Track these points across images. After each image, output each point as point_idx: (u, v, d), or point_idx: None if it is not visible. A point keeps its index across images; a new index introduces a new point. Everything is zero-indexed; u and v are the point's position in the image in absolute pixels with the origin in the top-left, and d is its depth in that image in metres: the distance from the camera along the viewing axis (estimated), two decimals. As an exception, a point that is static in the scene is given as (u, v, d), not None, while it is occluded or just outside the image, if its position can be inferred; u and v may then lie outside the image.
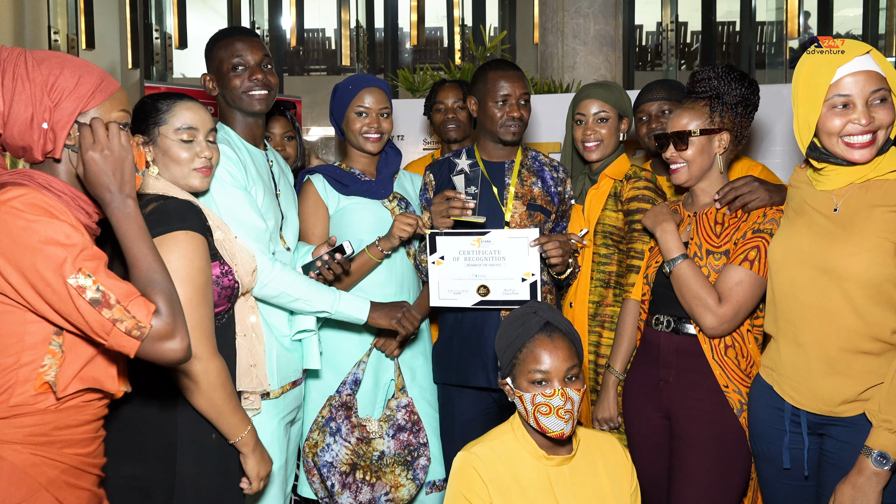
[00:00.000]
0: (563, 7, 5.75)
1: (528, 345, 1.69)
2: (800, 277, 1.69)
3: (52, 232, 1.21)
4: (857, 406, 1.62)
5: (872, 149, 1.61)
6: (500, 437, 1.77)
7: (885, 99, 1.60)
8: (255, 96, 2.00)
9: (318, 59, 12.46)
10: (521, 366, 1.68)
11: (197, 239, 1.57)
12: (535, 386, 1.66)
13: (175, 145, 1.70)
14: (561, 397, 1.64)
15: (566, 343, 1.69)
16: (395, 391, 2.28)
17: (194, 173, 1.72)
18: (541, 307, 1.76)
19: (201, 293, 1.56)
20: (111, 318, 1.20)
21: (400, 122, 3.92)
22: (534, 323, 1.71)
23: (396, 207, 2.33)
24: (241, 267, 1.74)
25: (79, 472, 1.34)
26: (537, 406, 1.65)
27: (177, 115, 1.70)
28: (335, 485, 2.16)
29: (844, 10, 11.03)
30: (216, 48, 2.03)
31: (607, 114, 2.37)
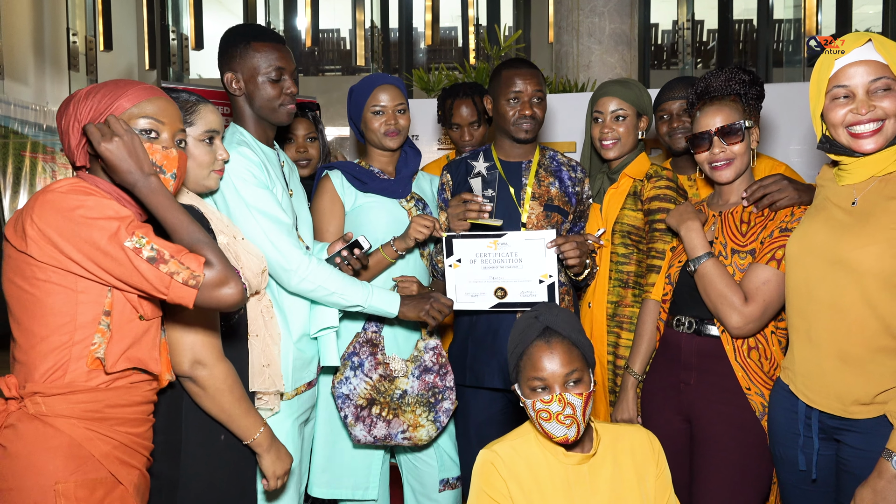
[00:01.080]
0: (578, 6, 5.73)
1: (527, 352, 1.68)
2: (814, 272, 1.67)
3: (102, 207, 1.34)
4: (871, 409, 1.59)
5: (879, 138, 1.60)
6: (523, 435, 1.77)
7: (889, 88, 1.58)
8: (286, 110, 2.01)
9: (332, 60, 12.52)
10: (523, 373, 1.68)
11: None
12: (534, 393, 1.66)
13: (200, 147, 1.71)
14: (559, 403, 1.62)
15: (565, 347, 1.67)
16: (422, 334, 2.27)
17: (213, 175, 1.75)
18: (543, 310, 1.74)
19: None
20: (168, 271, 1.31)
21: (415, 121, 3.92)
22: (533, 329, 1.70)
23: (414, 208, 2.33)
24: (247, 269, 1.74)
25: (130, 451, 1.43)
26: (538, 412, 1.65)
27: (203, 118, 1.72)
28: (348, 416, 2.16)
29: (864, 6, 10.89)
30: (252, 49, 1.98)
31: (625, 111, 2.35)
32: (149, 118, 1.46)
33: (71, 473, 1.34)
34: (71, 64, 9.72)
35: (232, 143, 1.94)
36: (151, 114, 1.46)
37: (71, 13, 9.92)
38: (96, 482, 1.36)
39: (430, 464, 2.32)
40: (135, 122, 1.45)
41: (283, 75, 1.98)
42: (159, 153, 1.46)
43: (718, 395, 1.91)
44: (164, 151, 1.47)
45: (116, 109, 1.44)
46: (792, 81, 9.40)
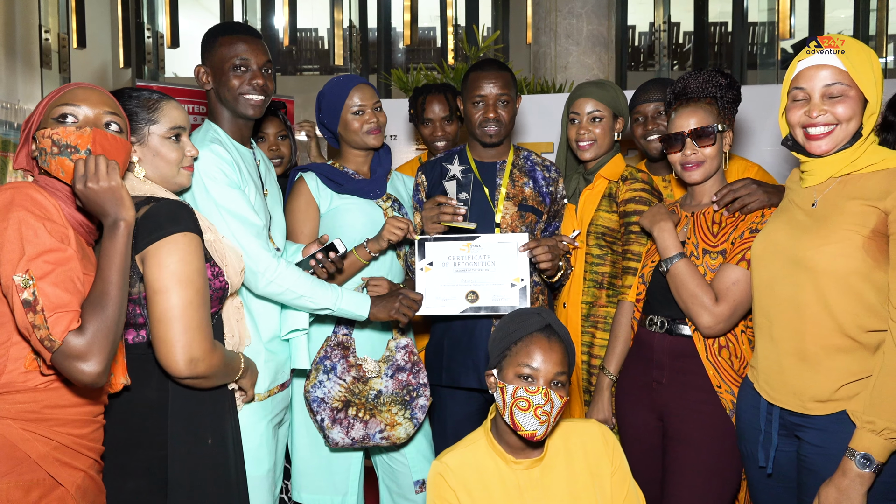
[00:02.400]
0: (556, 7, 5.76)
1: (524, 339, 1.70)
2: (776, 271, 1.70)
3: (20, 226, 1.32)
4: (828, 406, 1.61)
5: (830, 141, 1.63)
6: (473, 443, 1.77)
7: (840, 93, 1.61)
8: (252, 101, 1.97)
9: (310, 59, 12.45)
10: (513, 358, 1.69)
11: (194, 240, 1.57)
12: (520, 380, 1.67)
13: (166, 144, 1.69)
14: (543, 396, 1.64)
15: (562, 350, 1.70)
16: (393, 333, 2.27)
17: (183, 172, 1.72)
18: (545, 311, 1.78)
19: (201, 295, 1.55)
20: (31, 322, 1.27)
21: (393, 121, 3.90)
22: (535, 322, 1.72)
23: (390, 208, 2.32)
24: (230, 267, 1.73)
25: (73, 452, 1.40)
26: (517, 400, 1.65)
27: (167, 115, 1.69)
28: (325, 419, 2.15)
29: (836, 11, 11.08)
30: (219, 43, 1.98)
31: (602, 113, 2.36)
32: (63, 105, 1.44)
33: (4, 475, 1.32)
34: (43, 62, 9.56)
35: (205, 141, 1.91)
36: (67, 101, 1.45)
37: (43, 10, 9.76)
38: (32, 483, 1.34)
39: (407, 464, 2.32)
40: (52, 111, 1.44)
41: (248, 66, 1.96)
42: (73, 134, 1.41)
43: (690, 393, 1.93)
44: (78, 132, 1.41)
45: (42, 109, 1.45)
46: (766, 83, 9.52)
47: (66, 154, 1.41)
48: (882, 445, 1.51)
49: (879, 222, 1.55)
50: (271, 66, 2.03)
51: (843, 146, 1.64)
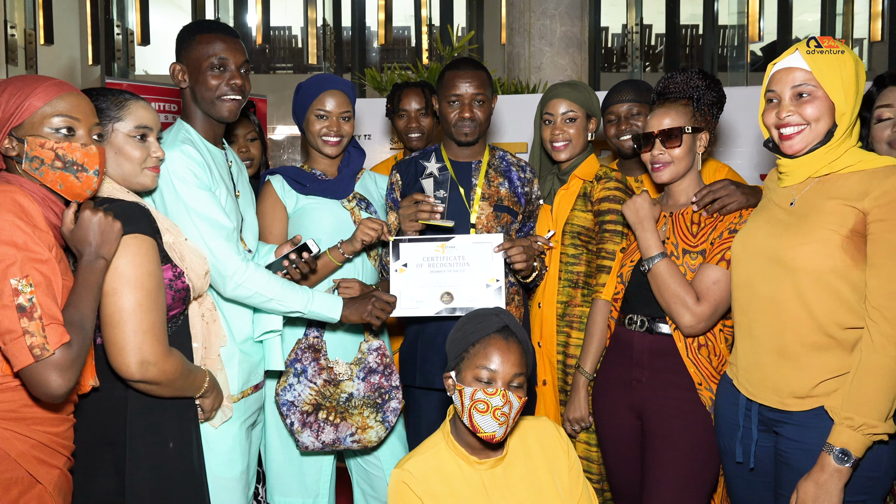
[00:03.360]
0: (529, 8, 5.78)
1: (482, 341, 1.68)
2: (755, 270, 1.73)
3: (12, 230, 1.32)
4: (806, 402, 1.64)
5: (800, 141, 1.67)
6: (433, 447, 1.76)
7: (808, 94, 1.65)
8: (227, 102, 1.95)
9: (284, 58, 12.37)
10: (471, 360, 1.68)
11: (147, 242, 1.55)
12: (478, 382, 1.65)
13: (130, 143, 1.66)
14: (502, 398, 1.63)
15: (519, 351, 1.68)
16: (365, 335, 2.25)
17: (147, 172, 1.69)
18: (503, 312, 1.76)
19: (152, 297, 1.54)
20: (25, 327, 1.28)
21: (366, 121, 3.90)
22: (493, 322, 1.71)
23: (356, 208, 2.31)
24: (191, 270, 1.71)
25: (50, 450, 1.41)
26: (475, 402, 1.65)
27: (133, 113, 1.67)
28: (294, 423, 2.14)
29: (803, 14, 11.28)
30: (196, 41, 1.94)
31: (575, 114, 2.37)
32: (63, 116, 1.45)
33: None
34: (9, 58, 9.37)
35: (176, 141, 1.89)
36: (65, 111, 1.45)
37: (9, 5, 9.56)
38: (11, 481, 1.35)
39: (381, 467, 2.31)
40: (49, 121, 1.43)
41: (226, 65, 1.93)
42: (79, 151, 1.45)
43: (671, 391, 1.95)
44: (84, 149, 1.46)
45: (27, 110, 1.42)
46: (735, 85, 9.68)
47: (71, 171, 1.45)
48: (859, 441, 1.53)
49: (858, 222, 1.58)
50: (248, 66, 2.01)
51: (816, 145, 1.67)
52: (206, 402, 1.77)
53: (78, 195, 1.48)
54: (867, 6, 10.76)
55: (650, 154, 2.01)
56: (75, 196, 1.48)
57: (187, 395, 1.68)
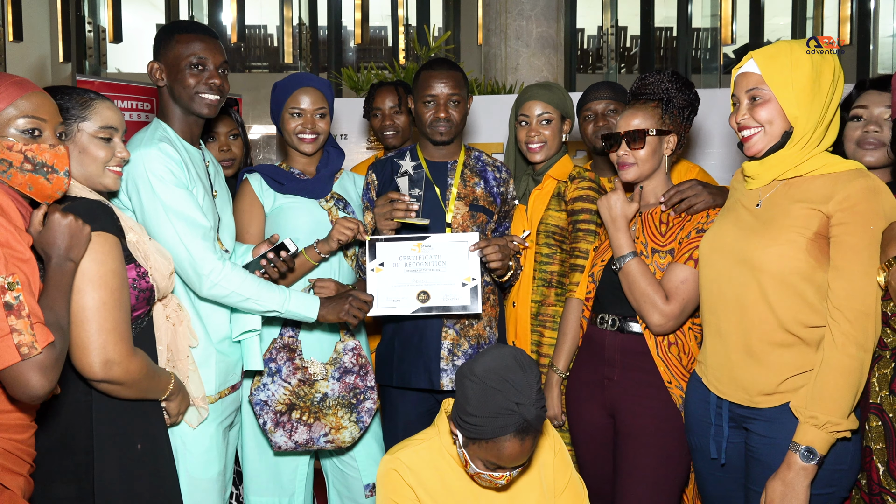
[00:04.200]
0: (506, 9, 5.80)
1: (497, 440, 1.55)
2: (722, 270, 1.76)
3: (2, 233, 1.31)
4: (773, 399, 1.67)
5: (758, 143, 1.71)
6: (427, 440, 1.77)
7: (759, 98, 1.69)
8: (206, 100, 1.95)
9: (259, 57, 12.26)
10: (481, 450, 1.59)
11: (110, 240, 1.54)
12: (486, 466, 1.62)
13: (94, 143, 1.65)
14: (507, 479, 1.65)
15: (533, 443, 1.59)
16: (341, 335, 2.25)
17: (109, 173, 1.67)
18: (525, 398, 1.54)
19: (115, 296, 1.52)
20: (13, 326, 1.26)
21: (343, 121, 3.89)
22: (512, 421, 1.53)
23: (333, 207, 2.30)
24: (156, 270, 1.69)
25: (15, 458, 1.38)
26: (479, 475, 1.65)
27: (99, 113, 1.66)
28: (267, 422, 2.13)
29: (775, 18, 11.47)
30: (175, 40, 1.94)
31: (551, 115, 2.39)
32: (29, 117, 1.42)
33: None
34: (-24, 54, 9.17)
35: (153, 139, 1.87)
36: (31, 112, 1.42)
37: (-24, 1, 9.37)
38: None
39: (357, 468, 2.30)
40: (14, 122, 1.41)
41: (205, 65, 1.94)
42: (48, 152, 1.43)
43: (642, 389, 1.97)
44: (53, 150, 1.44)
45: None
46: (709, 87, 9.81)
47: (41, 173, 1.43)
48: (824, 439, 1.56)
49: (822, 225, 1.61)
50: (227, 67, 2.01)
51: (774, 147, 1.70)
52: (171, 405, 1.75)
53: (48, 197, 1.46)
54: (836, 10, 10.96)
55: (616, 154, 2.04)
56: (45, 198, 1.45)
57: (151, 396, 1.66)
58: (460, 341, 2.23)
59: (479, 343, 2.26)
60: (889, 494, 1.58)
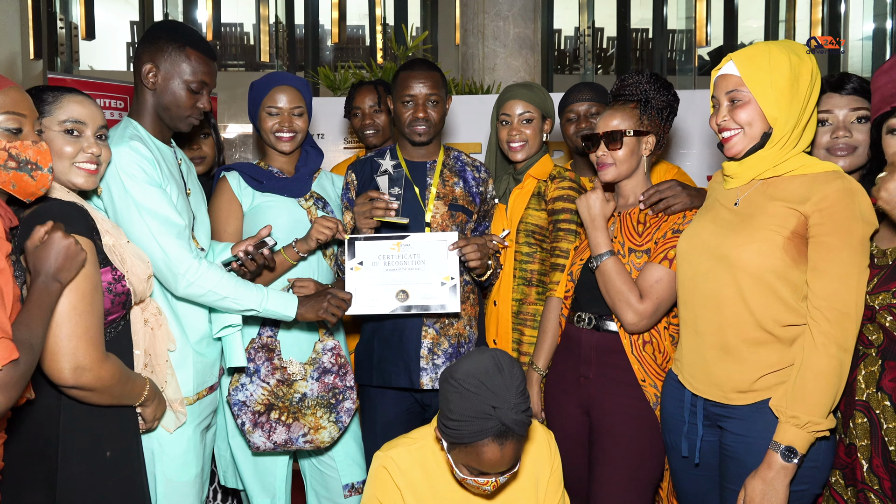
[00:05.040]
0: (483, 9, 5.81)
1: (475, 445, 1.54)
2: (699, 267, 1.78)
3: None
4: (748, 396, 1.69)
5: (738, 144, 1.73)
6: (421, 440, 1.76)
7: (739, 100, 1.71)
8: (190, 122, 1.97)
9: (235, 55, 12.15)
10: (463, 454, 1.58)
11: (83, 243, 1.50)
12: (470, 472, 1.61)
13: (58, 138, 1.60)
14: (493, 486, 1.64)
15: (515, 447, 1.56)
16: (320, 335, 2.24)
17: (76, 170, 1.63)
18: (503, 402, 1.52)
19: (87, 300, 1.48)
20: None
21: (320, 120, 3.87)
22: (491, 425, 1.52)
23: (313, 207, 2.29)
24: (133, 274, 1.65)
25: None
26: (464, 480, 1.64)
27: (63, 108, 1.62)
28: (246, 423, 2.11)
29: (748, 21, 11.62)
30: (184, 53, 1.92)
31: (532, 115, 2.40)
32: (10, 113, 1.38)
33: None
34: (-56, 51, 8.98)
35: (124, 137, 1.85)
36: (11, 108, 1.39)
37: (-56, -4, 9.18)
38: None
39: (336, 468, 2.30)
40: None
41: (203, 90, 1.95)
42: (31, 149, 1.39)
43: (616, 387, 1.99)
44: (36, 147, 1.40)
45: None
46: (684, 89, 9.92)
47: (25, 170, 1.39)
48: (804, 438, 1.58)
49: (799, 224, 1.63)
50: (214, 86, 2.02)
51: (754, 148, 1.72)
52: (146, 411, 1.72)
53: (31, 195, 1.42)
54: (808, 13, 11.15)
55: (595, 155, 2.05)
56: (28, 195, 1.42)
57: (125, 402, 1.62)
58: (440, 340, 2.24)
59: (459, 342, 2.27)
60: (872, 491, 1.60)
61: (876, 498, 1.59)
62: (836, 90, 1.97)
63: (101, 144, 1.68)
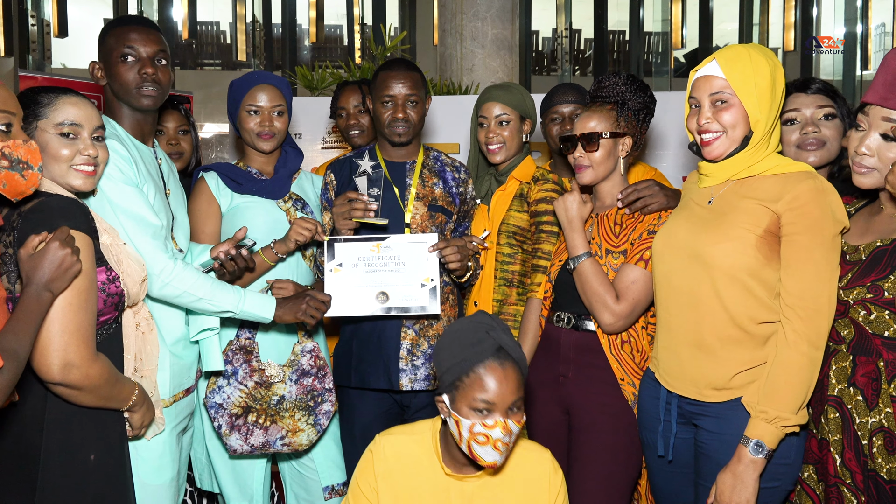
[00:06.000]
0: (461, 10, 5.82)
1: (476, 370, 1.55)
2: (674, 265, 1.80)
3: None
4: (723, 394, 1.71)
5: (719, 146, 1.74)
6: (420, 434, 1.74)
7: (724, 101, 1.72)
8: (144, 91, 1.90)
9: (212, 54, 12.05)
10: (466, 391, 1.56)
11: (82, 239, 1.48)
12: (476, 414, 1.55)
13: (54, 140, 1.59)
14: (503, 430, 1.55)
15: (517, 373, 1.58)
16: (299, 337, 2.22)
17: (74, 172, 1.61)
18: (494, 326, 1.62)
19: (83, 297, 1.46)
20: None
21: (298, 120, 3.85)
22: (486, 346, 1.57)
23: (292, 208, 2.28)
24: (128, 276, 1.64)
25: None
26: (475, 435, 1.56)
27: (59, 110, 1.60)
28: (222, 426, 2.10)
29: (723, 24, 11.78)
30: (109, 35, 1.91)
31: (509, 116, 2.41)
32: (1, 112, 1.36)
33: None
34: (-89, 47, 8.79)
35: None
36: (1, 106, 1.36)
37: (-89, -9, 8.98)
38: None
39: (315, 470, 2.28)
40: None
41: (137, 55, 1.89)
42: (22, 148, 1.37)
43: (595, 386, 2.00)
44: (26, 145, 1.38)
45: None
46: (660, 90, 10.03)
47: (17, 169, 1.37)
48: (773, 433, 1.61)
49: (772, 223, 1.66)
50: (166, 56, 1.96)
51: (734, 150, 1.75)
52: (134, 416, 1.69)
53: (20, 194, 1.40)
54: (781, 17, 11.32)
55: (572, 157, 2.07)
56: (17, 195, 1.39)
57: (112, 405, 1.60)
58: (419, 341, 2.24)
59: (438, 343, 2.26)
60: (844, 485, 1.63)
61: (849, 492, 1.62)
62: (802, 90, 2.04)
63: (99, 145, 1.66)
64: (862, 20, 10.92)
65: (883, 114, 1.59)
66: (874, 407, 1.58)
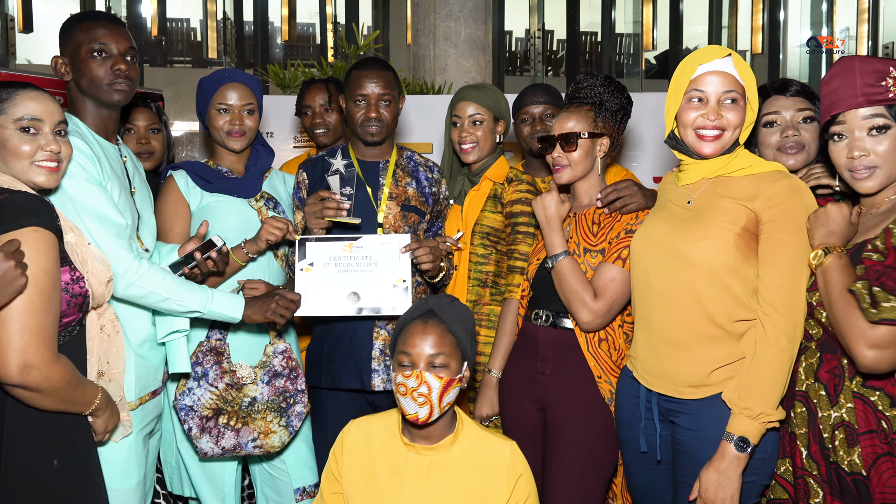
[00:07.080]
0: (434, 10, 5.81)
1: (404, 329, 1.72)
2: (653, 264, 1.81)
3: None
4: (700, 391, 1.73)
5: (718, 144, 1.76)
6: (388, 415, 1.80)
7: (735, 100, 1.74)
8: (116, 87, 1.87)
9: (182, 51, 11.88)
10: (397, 348, 1.72)
11: (47, 237, 1.44)
12: (400, 367, 1.69)
13: (14, 136, 1.54)
14: (416, 379, 1.65)
15: (440, 330, 1.69)
16: (270, 338, 2.20)
17: (36, 168, 1.57)
18: (438, 299, 1.76)
19: (45, 296, 1.42)
20: None
21: (270, 119, 3.81)
22: (417, 309, 1.74)
23: (263, 207, 2.25)
24: (93, 276, 1.59)
25: None
26: (398, 386, 1.67)
27: (17, 105, 1.55)
28: (192, 428, 2.06)
29: (693, 27, 11.94)
30: (75, 30, 1.87)
31: (482, 116, 2.41)
32: None
33: None
34: None
35: None
36: None
37: None
38: None
39: (287, 471, 2.26)
40: None
41: (109, 51, 1.86)
42: None
43: (572, 383, 2.01)
44: None
45: None
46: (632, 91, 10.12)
47: None
48: (756, 429, 1.63)
49: (749, 221, 1.68)
50: (135, 54, 1.93)
51: (725, 151, 1.77)
52: (97, 421, 1.64)
53: None
54: (749, 21, 11.51)
55: (550, 157, 2.07)
56: None
57: (74, 409, 1.55)
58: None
59: (411, 343, 2.26)
60: (811, 476, 1.66)
61: (815, 483, 1.65)
62: (781, 93, 2.04)
63: (61, 140, 1.61)
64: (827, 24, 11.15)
65: (861, 114, 1.60)
66: (836, 402, 1.61)
